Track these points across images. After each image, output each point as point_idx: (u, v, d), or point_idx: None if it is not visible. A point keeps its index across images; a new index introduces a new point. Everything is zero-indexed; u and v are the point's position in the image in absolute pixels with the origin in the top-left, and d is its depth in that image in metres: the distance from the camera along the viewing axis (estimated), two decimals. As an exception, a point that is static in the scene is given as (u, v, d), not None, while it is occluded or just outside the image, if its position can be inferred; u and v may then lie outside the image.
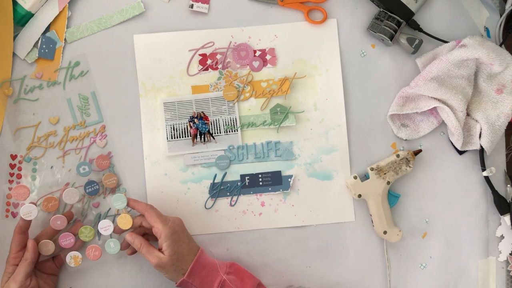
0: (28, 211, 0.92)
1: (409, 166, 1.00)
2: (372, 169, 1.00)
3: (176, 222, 0.92)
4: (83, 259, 0.96)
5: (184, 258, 0.90)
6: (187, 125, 1.01)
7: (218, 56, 1.01)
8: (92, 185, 0.98)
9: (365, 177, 1.01)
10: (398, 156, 1.00)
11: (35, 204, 0.93)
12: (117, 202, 0.94)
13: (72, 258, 0.95)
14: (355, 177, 1.00)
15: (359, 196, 1.00)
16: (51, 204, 0.95)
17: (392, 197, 1.01)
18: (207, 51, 1.02)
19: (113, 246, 0.96)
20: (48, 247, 0.94)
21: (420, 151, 1.02)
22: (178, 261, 0.90)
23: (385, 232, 1.00)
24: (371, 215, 1.01)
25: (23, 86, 0.99)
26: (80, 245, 0.97)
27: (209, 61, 1.01)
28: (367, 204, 1.01)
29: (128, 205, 0.94)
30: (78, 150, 1.00)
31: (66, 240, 0.95)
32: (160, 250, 0.90)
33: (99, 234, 0.98)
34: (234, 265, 0.95)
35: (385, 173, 0.99)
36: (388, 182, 0.99)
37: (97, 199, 1.00)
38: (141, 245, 0.92)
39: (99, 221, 0.96)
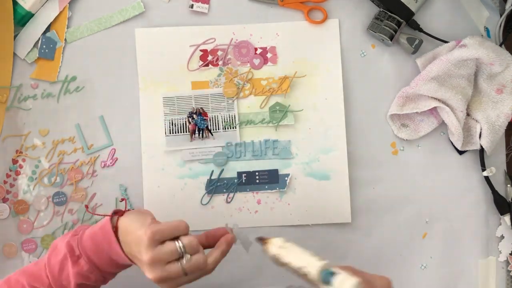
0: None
1: None
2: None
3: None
4: None
5: None
6: (185, 121, 1.01)
7: (219, 53, 1.02)
8: (60, 196, 0.99)
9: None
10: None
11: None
12: None
13: None
14: None
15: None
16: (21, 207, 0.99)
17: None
18: (208, 47, 1.02)
19: None
20: None
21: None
22: None
23: None
24: None
25: (17, 94, 0.99)
26: None
27: (209, 57, 1.01)
28: None
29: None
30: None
31: None
32: None
33: None
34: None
35: None
36: None
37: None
38: None
39: None
